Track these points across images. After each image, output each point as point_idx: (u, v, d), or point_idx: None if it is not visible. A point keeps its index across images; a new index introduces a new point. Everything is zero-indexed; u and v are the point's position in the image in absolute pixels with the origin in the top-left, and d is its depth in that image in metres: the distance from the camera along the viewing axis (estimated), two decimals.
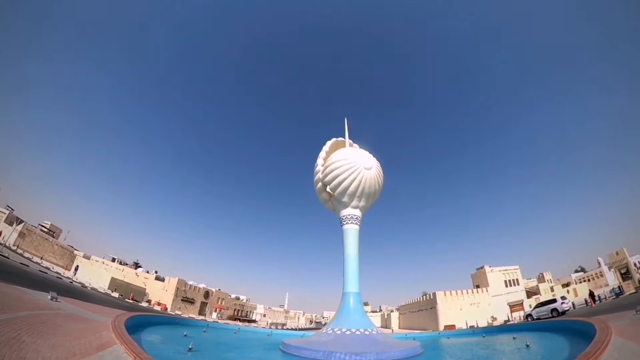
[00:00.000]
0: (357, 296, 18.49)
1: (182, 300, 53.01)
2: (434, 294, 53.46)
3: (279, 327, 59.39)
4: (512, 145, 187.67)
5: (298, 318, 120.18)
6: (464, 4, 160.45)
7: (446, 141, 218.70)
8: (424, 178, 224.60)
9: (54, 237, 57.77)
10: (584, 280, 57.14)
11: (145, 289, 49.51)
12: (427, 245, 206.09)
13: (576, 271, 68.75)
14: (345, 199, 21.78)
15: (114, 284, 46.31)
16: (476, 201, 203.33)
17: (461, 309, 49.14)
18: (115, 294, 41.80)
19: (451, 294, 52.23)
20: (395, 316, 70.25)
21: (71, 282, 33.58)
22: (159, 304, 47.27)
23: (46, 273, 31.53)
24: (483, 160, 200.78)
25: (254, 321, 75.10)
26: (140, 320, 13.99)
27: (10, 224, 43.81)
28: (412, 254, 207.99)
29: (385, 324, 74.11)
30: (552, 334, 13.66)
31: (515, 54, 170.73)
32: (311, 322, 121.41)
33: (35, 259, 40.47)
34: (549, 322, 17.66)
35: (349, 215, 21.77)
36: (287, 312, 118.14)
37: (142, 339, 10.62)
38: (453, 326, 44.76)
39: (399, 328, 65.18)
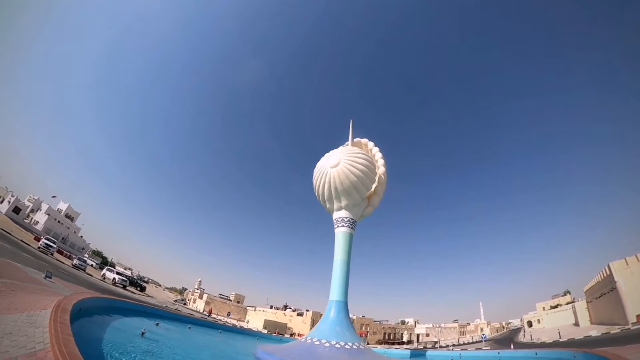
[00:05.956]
0: (340, 305, 16.95)
1: None
2: (609, 267, 37.73)
3: (428, 345, 56.63)
4: None
5: (481, 329, 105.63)
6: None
7: None
8: None
9: (238, 302, 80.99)
10: None
11: (286, 324, 59.71)
12: None
13: None
14: (328, 205, 21.39)
15: (266, 323, 58.16)
16: None
17: None
18: (265, 330, 52.50)
19: (639, 260, 35.25)
20: (581, 307, 51.31)
21: (233, 326, 45.71)
22: (298, 334, 55.09)
23: (215, 319, 44.64)
24: None
25: (406, 342, 74.90)
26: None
27: (201, 297, 65.23)
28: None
29: (575, 319, 55.05)
30: None
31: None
32: (497, 330, 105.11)
33: (213, 315, 57.66)
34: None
35: (337, 218, 20.83)
36: (463, 326, 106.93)
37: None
38: None
39: (591, 323, 47.12)
